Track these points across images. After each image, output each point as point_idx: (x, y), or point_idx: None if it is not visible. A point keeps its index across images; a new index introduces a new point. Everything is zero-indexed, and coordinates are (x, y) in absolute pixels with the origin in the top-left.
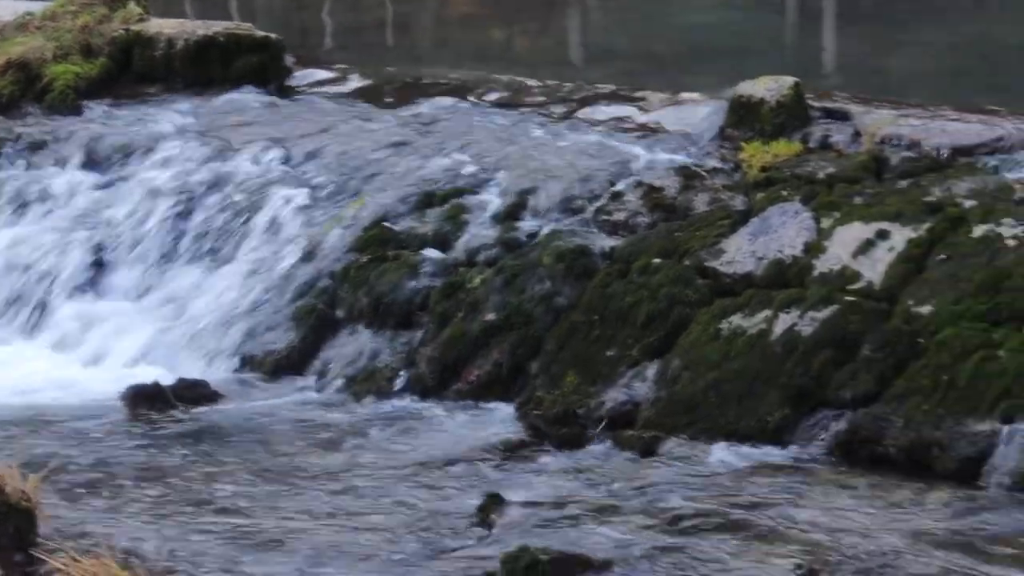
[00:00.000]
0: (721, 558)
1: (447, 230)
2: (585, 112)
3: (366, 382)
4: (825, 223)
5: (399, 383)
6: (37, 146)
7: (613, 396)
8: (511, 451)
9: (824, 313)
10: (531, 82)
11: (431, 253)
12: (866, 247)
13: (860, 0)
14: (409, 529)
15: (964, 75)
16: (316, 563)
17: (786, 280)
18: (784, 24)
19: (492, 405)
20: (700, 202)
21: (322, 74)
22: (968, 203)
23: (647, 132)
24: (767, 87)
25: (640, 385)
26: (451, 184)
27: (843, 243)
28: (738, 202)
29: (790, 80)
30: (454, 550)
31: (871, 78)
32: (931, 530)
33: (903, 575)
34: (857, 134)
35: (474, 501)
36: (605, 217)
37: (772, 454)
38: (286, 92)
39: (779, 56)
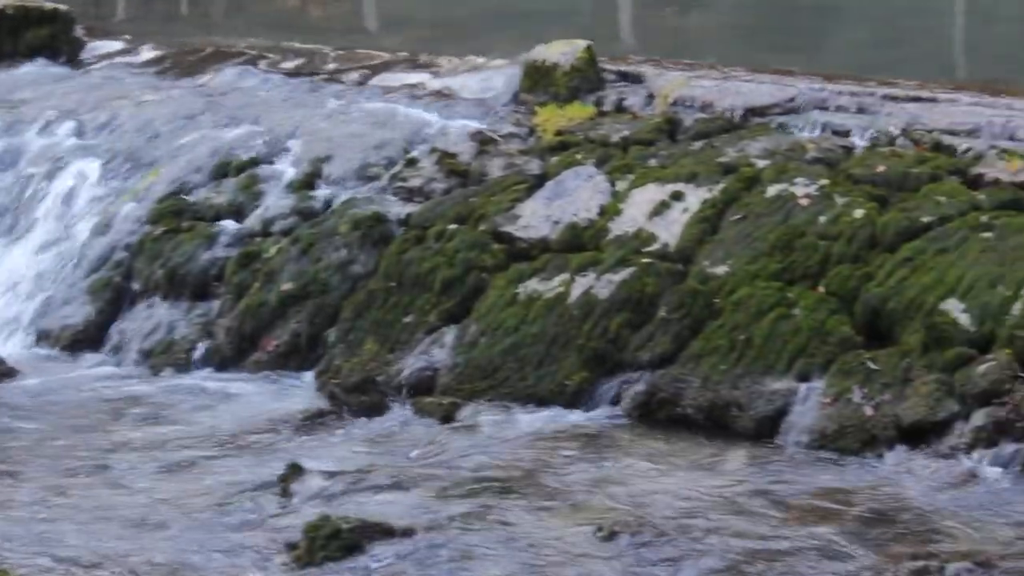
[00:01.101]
0: (523, 522)
1: (242, 200)
2: (380, 79)
3: (164, 354)
4: (620, 186)
5: (197, 355)
6: None
7: (412, 363)
8: (311, 420)
9: (620, 276)
10: (325, 49)
11: (227, 224)
12: (661, 209)
13: None
14: (210, 501)
15: (756, 36)
16: (114, 536)
17: (582, 243)
18: None
19: (292, 375)
20: (495, 167)
21: (114, 45)
22: (761, 163)
23: (442, 98)
24: (561, 51)
25: (438, 351)
26: (246, 154)
27: (638, 205)
28: (533, 166)
29: (583, 44)
30: (256, 521)
31: (665, 40)
32: (731, 488)
33: (704, 533)
34: (651, 97)
35: (275, 471)
36: (400, 184)
37: (572, 417)
38: (78, 64)
39: (575, 20)
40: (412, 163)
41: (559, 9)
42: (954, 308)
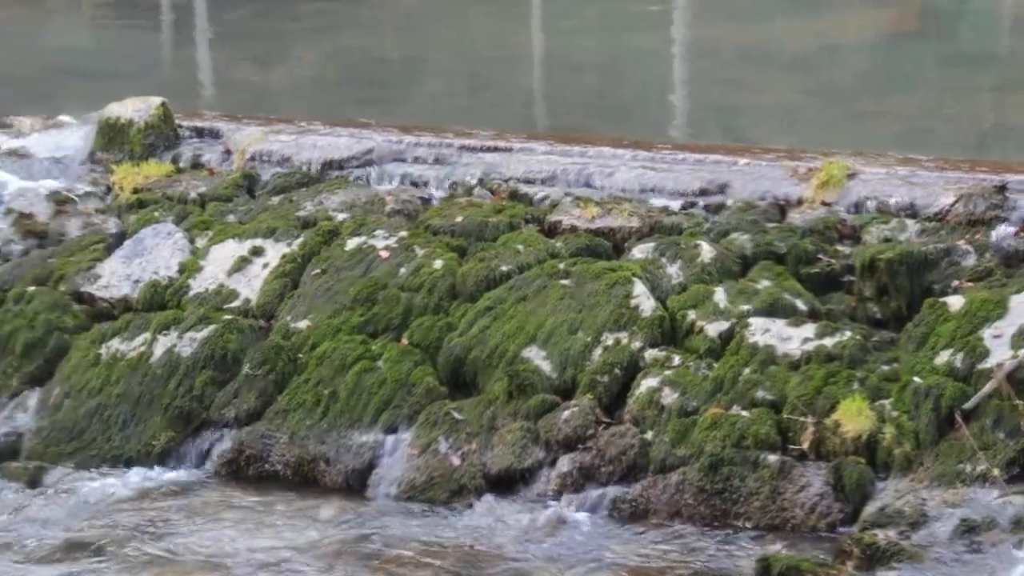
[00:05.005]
0: None
1: None
2: None
3: None
4: (200, 243)
5: None
6: None
7: None
8: None
9: (203, 333)
10: None
11: None
12: (241, 264)
13: (235, 18)
14: None
15: (335, 89)
16: None
17: (163, 302)
18: (159, 43)
19: None
20: (73, 227)
21: None
22: (341, 216)
23: (17, 158)
24: (135, 108)
25: (23, 415)
26: None
27: (218, 262)
28: (111, 225)
29: (157, 100)
30: None
31: (243, 95)
32: (322, 543)
33: None
34: (228, 152)
35: None
36: None
37: (160, 478)
38: None
39: (153, 75)
40: None
41: (133, 67)
42: (536, 355)
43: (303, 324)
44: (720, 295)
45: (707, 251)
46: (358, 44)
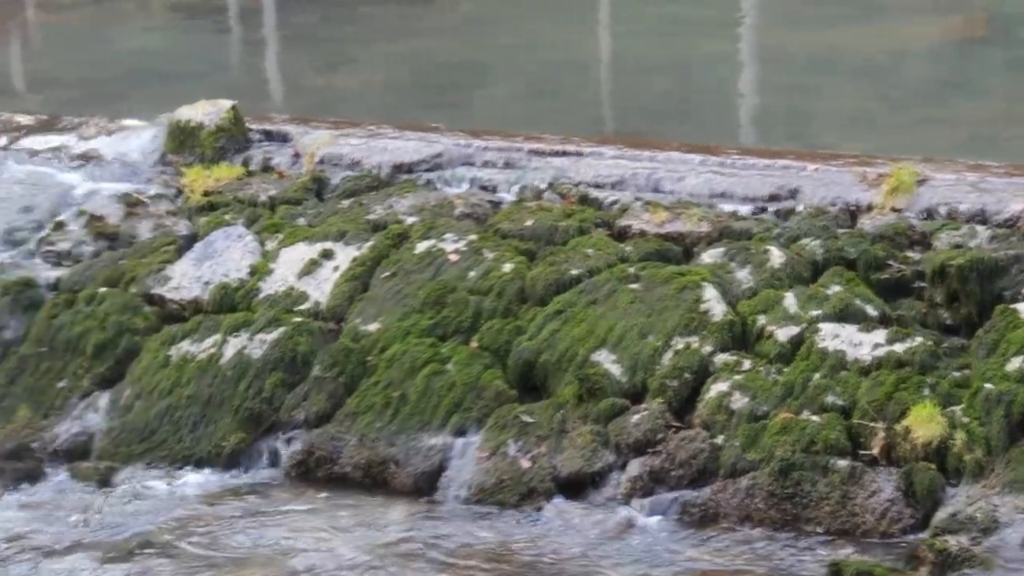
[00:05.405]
0: None
1: None
2: (26, 142)
3: None
4: (270, 245)
5: None
6: None
7: (67, 428)
8: None
9: (272, 335)
10: None
11: None
12: (311, 267)
13: (303, 21)
14: None
15: (403, 92)
16: None
17: (233, 304)
18: (228, 46)
19: None
20: (144, 229)
21: None
22: (410, 219)
23: (89, 160)
24: (205, 111)
25: (93, 416)
26: None
27: (288, 264)
28: (182, 227)
29: (228, 103)
30: None
31: (310, 98)
32: (391, 546)
33: None
34: (297, 155)
35: None
36: (49, 248)
37: (229, 479)
38: None
39: (220, 78)
40: (60, 227)
41: (202, 69)
42: (606, 359)
43: (373, 327)
44: (790, 300)
45: (777, 256)
46: (422, 48)
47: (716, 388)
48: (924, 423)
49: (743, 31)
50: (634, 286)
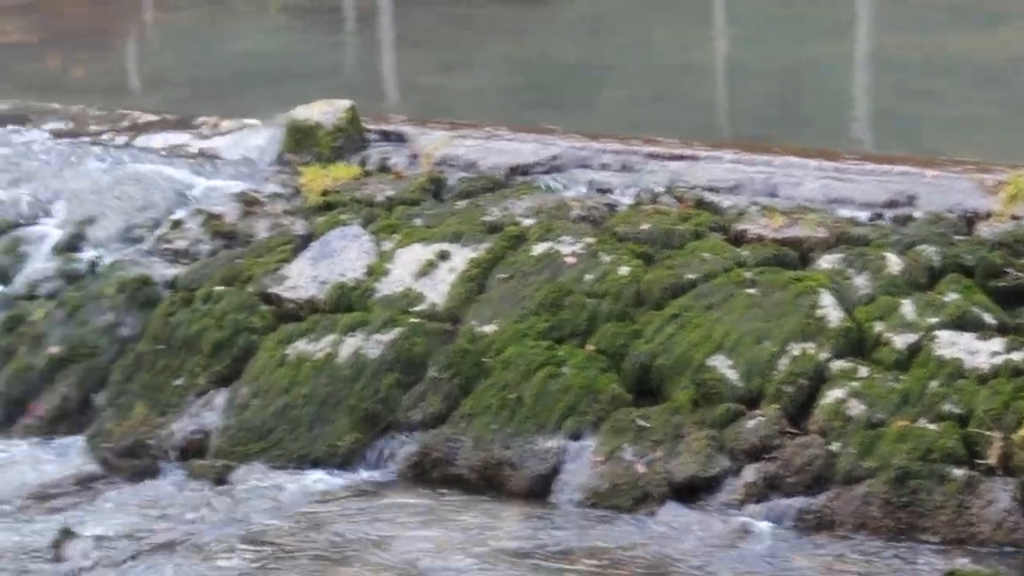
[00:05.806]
0: None
1: (6, 263)
2: (143, 140)
3: None
4: (386, 246)
5: None
6: None
7: (183, 426)
8: (83, 485)
9: (389, 336)
10: (89, 111)
11: None
12: (428, 268)
13: (417, 23)
14: None
15: (519, 94)
16: None
17: (350, 303)
18: (343, 46)
19: (62, 439)
20: (261, 228)
21: None
22: (527, 221)
23: (206, 159)
24: (323, 111)
25: (210, 414)
26: (8, 216)
27: (405, 265)
28: (299, 227)
29: (345, 103)
30: None
31: (426, 98)
32: (505, 548)
33: None
34: (415, 156)
35: (47, 537)
36: (166, 246)
37: (345, 478)
38: None
39: (336, 78)
40: (177, 225)
41: (318, 69)
42: (722, 364)
43: (489, 328)
44: (907, 307)
45: (894, 263)
46: (537, 49)
47: (832, 394)
48: None
49: (859, 36)
50: (751, 291)
